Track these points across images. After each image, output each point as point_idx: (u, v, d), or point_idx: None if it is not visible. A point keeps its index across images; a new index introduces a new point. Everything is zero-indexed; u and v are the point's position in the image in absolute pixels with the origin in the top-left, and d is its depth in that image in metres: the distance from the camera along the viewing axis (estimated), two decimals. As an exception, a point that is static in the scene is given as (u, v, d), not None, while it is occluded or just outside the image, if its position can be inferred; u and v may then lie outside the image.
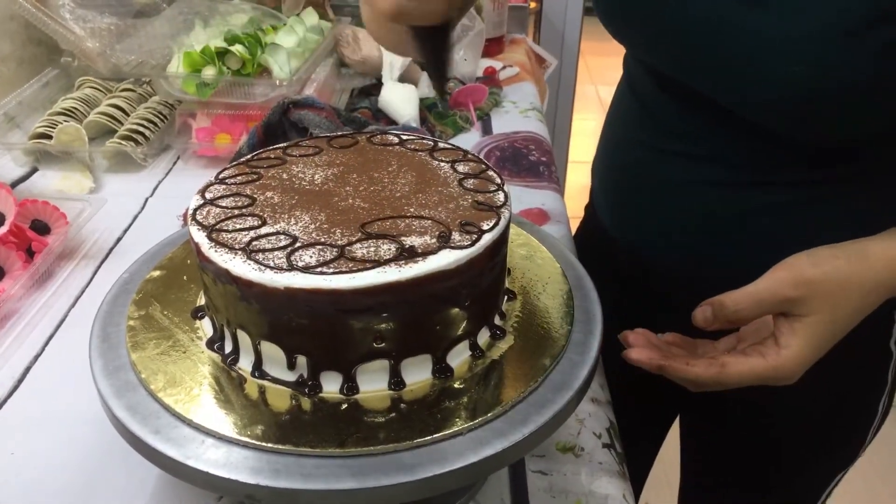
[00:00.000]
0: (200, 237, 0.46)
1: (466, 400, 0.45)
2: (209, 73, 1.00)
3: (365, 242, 0.44)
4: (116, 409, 0.44)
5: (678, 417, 0.93)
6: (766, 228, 0.64)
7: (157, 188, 0.97)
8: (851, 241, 0.52)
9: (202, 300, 0.52)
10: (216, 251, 0.44)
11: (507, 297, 0.54)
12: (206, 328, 0.50)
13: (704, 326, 0.53)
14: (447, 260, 0.43)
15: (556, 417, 0.44)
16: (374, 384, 0.45)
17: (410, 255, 0.43)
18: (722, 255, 0.67)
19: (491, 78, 1.31)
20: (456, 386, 0.46)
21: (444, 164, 0.54)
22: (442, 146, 0.57)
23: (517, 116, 1.20)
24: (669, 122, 0.67)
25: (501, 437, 0.42)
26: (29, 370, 0.67)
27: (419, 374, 0.46)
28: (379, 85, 1.16)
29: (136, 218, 0.90)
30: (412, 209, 0.48)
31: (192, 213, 0.49)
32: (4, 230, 0.76)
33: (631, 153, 0.74)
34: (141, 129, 1.01)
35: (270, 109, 0.91)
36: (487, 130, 1.15)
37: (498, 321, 0.51)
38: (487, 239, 0.45)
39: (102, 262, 0.82)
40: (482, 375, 0.47)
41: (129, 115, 1.05)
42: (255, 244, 0.44)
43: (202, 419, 0.43)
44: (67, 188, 0.96)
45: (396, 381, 0.45)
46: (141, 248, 0.60)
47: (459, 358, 0.48)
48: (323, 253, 0.43)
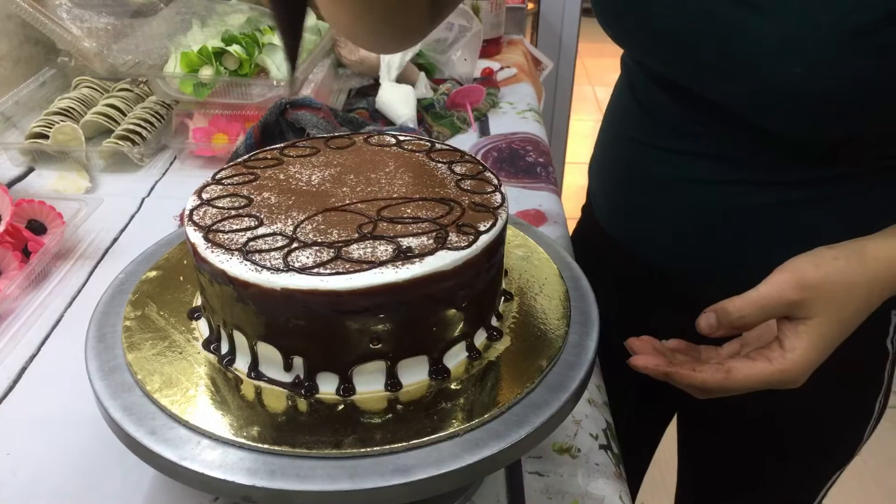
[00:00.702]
0: (197, 238, 0.46)
1: (463, 401, 0.45)
2: (206, 73, 0.99)
3: (362, 243, 0.44)
4: (112, 409, 0.44)
5: (674, 418, 0.93)
6: (765, 227, 0.64)
7: (153, 188, 0.97)
8: (851, 241, 0.52)
9: (198, 301, 0.52)
10: (213, 252, 0.44)
11: (503, 298, 0.54)
12: (202, 329, 0.50)
13: (709, 333, 0.53)
14: (444, 261, 0.43)
15: (552, 419, 0.44)
16: (370, 385, 0.45)
17: (407, 256, 0.43)
18: (720, 254, 0.67)
19: (488, 79, 1.31)
20: (452, 387, 0.46)
21: (441, 165, 0.54)
22: (439, 147, 0.57)
23: (514, 117, 1.20)
24: (668, 120, 0.67)
25: (498, 438, 0.42)
26: (25, 370, 0.67)
27: (416, 375, 0.46)
28: (376, 85, 1.16)
29: (132, 218, 0.90)
30: (409, 210, 0.48)
31: (188, 213, 0.48)
32: (0, 230, 0.76)
33: (629, 151, 0.74)
34: (138, 129, 1.01)
35: (267, 110, 0.91)
36: (485, 131, 1.15)
37: (495, 322, 0.51)
38: (484, 240, 0.45)
39: (99, 262, 0.82)
40: (479, 377, 0.47)
41: (125, 114, 1.05)
42: (251, 245, 0.44)
43: (198, 420, 0.43)
44: (64, 188, 0.96)
45: (393, 382, 0.45)
46: (137, 248, 0.60)
47: (456, 359, 0.48)
48: (320, 254, 0.43)
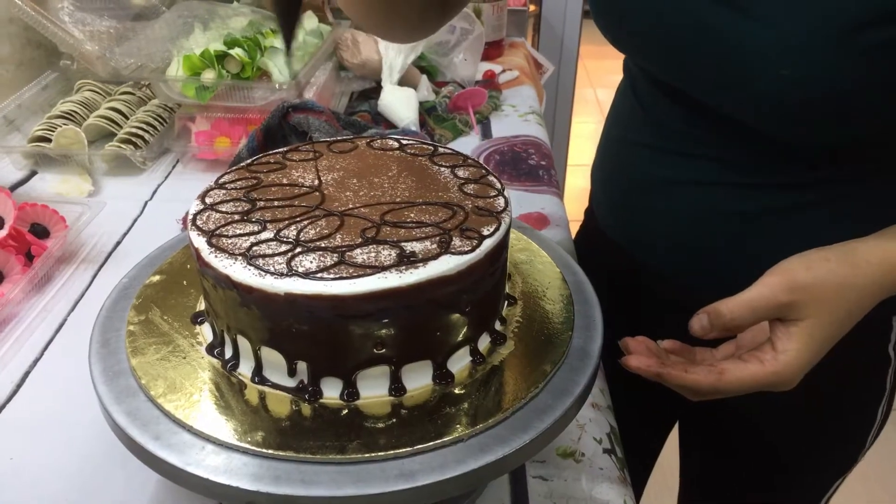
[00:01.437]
0: (200, 242, 0.46)
1: (467, 406, 0.45)
2: (208, 76, 1.00)
3: (365, 248, 0.44)
4: (116, 414, 0.44)
5: (677, 423, 0.93)
6: (767, 230, 0.64)
7: (156, 192, 0.97)
8: (844, 243, 0.52)
9: (202, 305, 0.52)
10: (216, 256, 0.44)
11: (507, 302, 0.53)
12: (206, 333, 0.50)
13: (701, 335, 0.53)
14: (448, 265, 0.43)
15: (557, 423, 0.44)
16: (374, 390, 0.45)
17: (411, 260, 0.43)
18: (722, 256, 0.67)
19: (490, 81, 1.31)
20: (456, 392, 0.46)
21: (444, 168, 0.54)
22: (442, 151, 0.57)
23: (517, 120, 1.20)
24: (669, 123, 0.67)
25: (502, 443, 0.42)
26: (28, 374, 0.67)
27: (420, 379, 0.46)
28: (378, 88, 1.16)
29: (135, 221, 0.90)
30: (412, 214, 0.48)
31: (192, 218, 0.48)
32: (3, 234, 0.76)
33: (630, 155, 0.74)
34: (140, 132, 1.01)
35: (270, 113, 0.91)
36: (487, 134, 1.15)
37: (498, 326, 0.51)
38: (488, 244, 0.45)
39: (101, 265, 0.82)
40: (483, 381, 0.47)
41: (128, 118, 1.05)
42: (255, 249, 0.44)
43: (202, 425, 0.43)
44: (66, 191, 0.96)
45: (397, 386, 0.45)
46: (140, 251, 0.60)
47: (460, 364, 0.48)
48: (323, 258, 0.43)
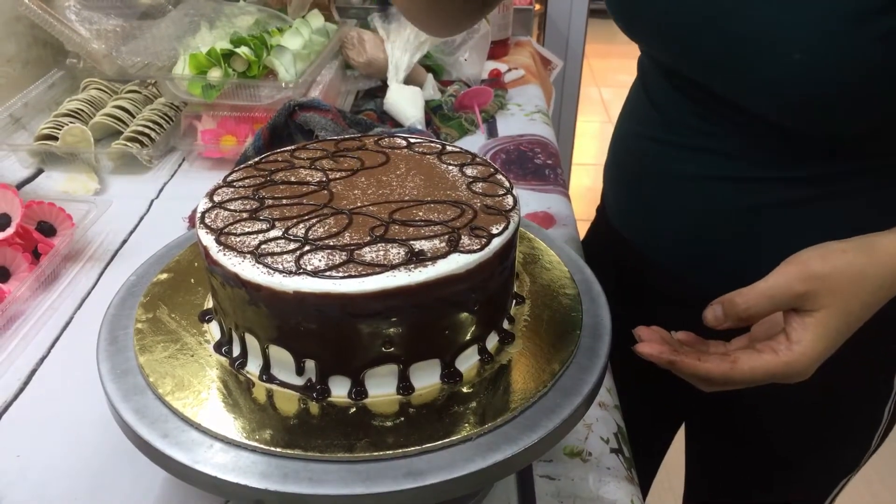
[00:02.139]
0: (209, 240, 0.46)
1: (475, 405, 0.45)
2: (215, 75, 1.00)
3: (374, 246, 0.44)
4: (124, 412, 0.44)
5: (683, 423, 0.92)
6: (780, 225, 0.64)
7: (162, 190, 0.97)
8: (861, 236, 0.52)
9: (210, 303, 0.52)
10: (225, 255, 0.44)
11: (515, 301, 0.53)
12: (213, 331, 0.50)
13: (715, 325, 0.53)
14: (457, 264, 0.43)
15: (565, 423, 0.44)
16: (382, 388, 0.45)
17: (420, 259, 0.43)
18: (734, 252, 0.67)
19: (496, 80, 1.30)
20: (464, 391, 0.46)
21: (452, 167, 0.54)
22: (450, 149, 0.57)
23: (522, 119, 1.20)
24: (681, 118, 0.67)
25: (510, 442, 0.42)
26: (35, 372, 0.67)
27: (428, 378, 0.46)
28: (384, 87, 1.16)
29: (141, 220, 0.90)
30: (421, 213, 0.48)
31: (200, 216, 0.48)
32: (10, 232, 0.76)
33: (643, 150, 0.73)
34: (146, 130, 1.01)
35: (276, 111, 0.91)
36: (493, 133, 1.15)
37: (507, 325, 0.51)
38: (497, 243, 0.45)
39: (108, 264, 0.82)
40: (491, 380, 0.47)
41: (134, 116, 1.05)
42: (263, 248, 0.44)
43: (210, 423, 0.43)
44: (73, 189, 0.96)
45: (405, 385, 0.45)
46: (146, 249, 0.60)
47: (468, 362, 0.47)
48: (332, 257, 0.43)
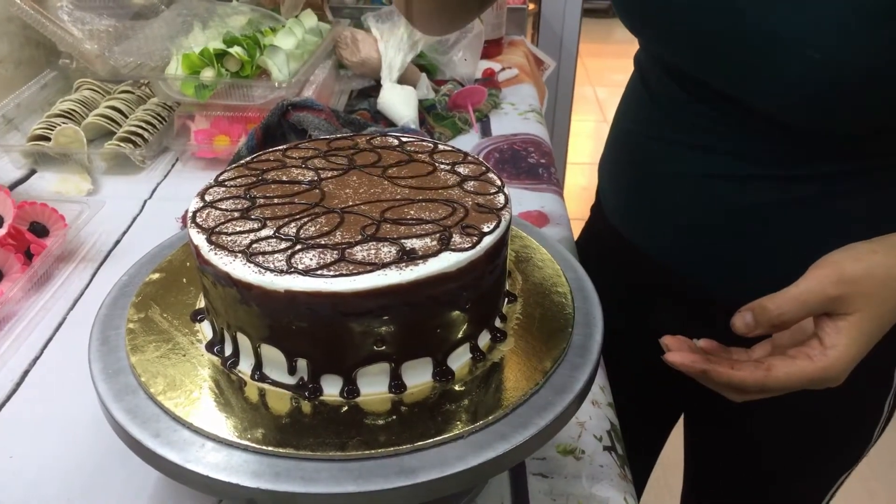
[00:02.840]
0: (200, 240, 0.46)
1: (467, 403, 0.45)
2: (208, 74, 0.99)
3: (365, 245, 0.44)
4: (116, 412, 0.44)
5: (681, 420, 0.93)
6: (781, 223, 0.64)
7: (155, 190, 0.97)
8: (887, 235, 0.51)
9: (202, 303, 0.52)
10: (216, 254, 0.44)
11: (507, 299, 0.53)
12: (205, 331, 0.50)
13: (745, 333, 0.51)
14: (448, 262, 0.43)
15: (557, 420, 0.44)
16: (374, 387, 0.45)
17: (411, 257, 0.43)
18: (735, 250, 0.67)
19: (490, 79, 1.31)
20: (456, 389, 0.46)
21: (444, 166, 0.54)
22: (442, 148, 0.57)
23: (516, 118, 1.20)
24: (682, 115, 0.67)
25: (502, 440, 0.42)
26: (28, 373, 0.67)
27: (420, 376, 0.46)
28: (378, 86, 1.16)
29: (134, 220, 0.90)
30: (412, 212, 0.48)
31: (191, 215, 0.48)
32: (3, 232, 0.76)
33: (641, 147, 0.73)
34: (139, 130, 1.01)
35: (269, 111, 0.91)
36: (486, 132, 1.15)
37: (499, 324, 0.51)
38: (488, 241, 0.45)
39: (101, 264, 0.82)
40: (483, 378, 0.47)
41: (127, 116, 1.05)
42: (255, 247, 0.44)
43: (202, 422, 0.43)
44: (66, 190, 0.96)
45: (397, 383, 0.45)
46: (139, 250, 0.60)
47: (460, 360, 0.48)
48: (323, 255, 0.43)
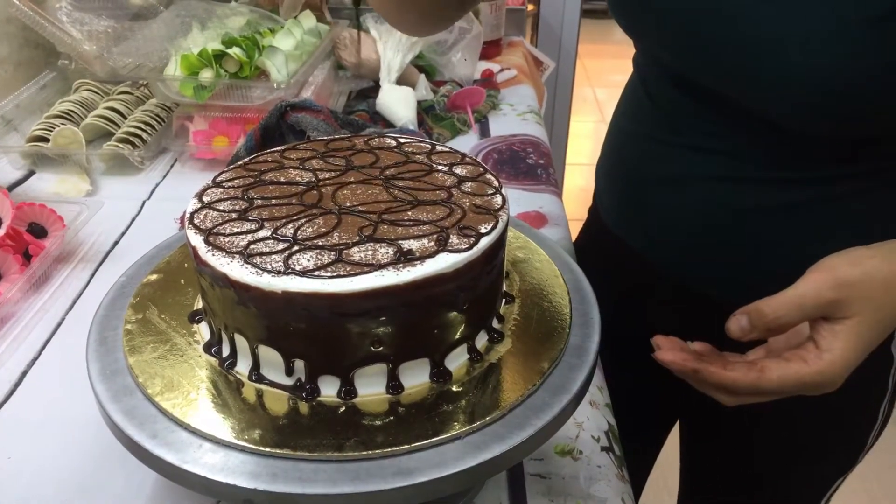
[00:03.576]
0: (198, 241, 0.46)
1: (464, 403, 0.45)
2: (206, 75, 0.99)
3: (363, 246, 0.44)
4: (113, 412, 0.44)
5: (678, 422, 0.93)
6: (778, 226, 0.63)
7: (154, 191, 0.97)
8: (885, 241, 0.51)
9: (199, 304, 0.52)
10: (213, 255, 0.44)
11: (504, 300, 0.53)
12: (203, 332, 0.50)
13: (741, 337, 0.51)
14: (445, 263, 0.43)
15: (554, 421, 0.44)
16: (371, 388, 0.45)
17: (408, 258, 0.43)
18: (732, 253, 0.67)
19: (488, 80, 1.31)
20: (454, 389, 0.46)
21: (441, 167, 0.54)
22: (440, 149, 0.57)
23: (515, 119, 1.20)
24: (680, 117, 0.67)
25: (499, 440, 0.42)
26: (26, 374, 0.67)
27: (417, 377, 0.46)
28: (376, 87, 1.16)
29: (133, 221, 0.90)
30: (410, 212, 0.48)
31: (189, 216, 0.48)
32: (1, 233, 0.76)
33: (639, 148, 0.73)
34: (138, 131, 1.01)
35: (268, 112, 0.91)
36: (485, 133, 1.15)
37: (496, 324, 0.51)
38: (485, 242, 0.45)
39: (99, 265, 0.82)
40: (480, 379, 0.47)
41: (126, 117, 1.05)
42: (252, 248, 0.44)
43: (199, 423, 0.43)
44: (64, 191, 0.96)
45: (394, 384, 0.45)
46: (138, 251, 0.60)
47: (457, 361, 0.48)
48: (321, 257, 0.43)
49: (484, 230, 0.46)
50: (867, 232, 0.52)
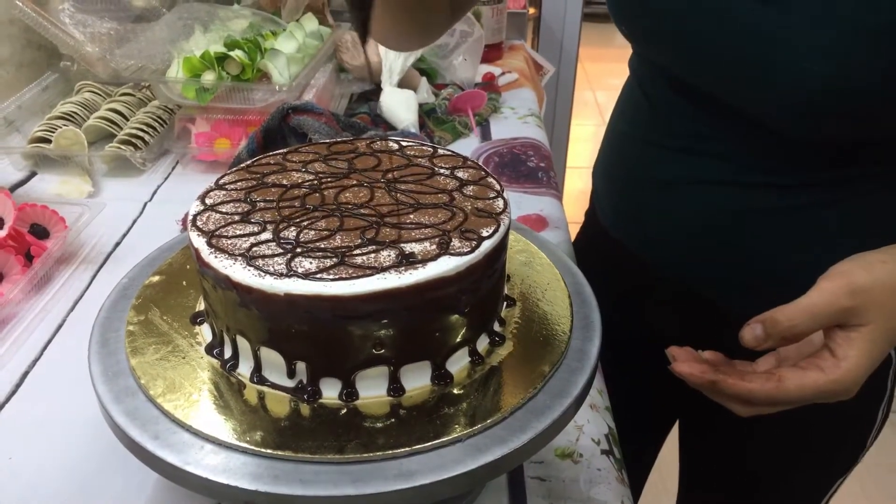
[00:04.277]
0: (200, 243, 0.46)
1: (465, 406, 0.45)
2: (209, 78, 1.00)
3: (365, 249, 0.44)
4: (115, 414, 0.44)
5: (676, 424, 0.93)
6: (776, 230, 0.64)
7: (155, 193, 0.97)
8: (893, 245, 0.50)
9: (201, 305, 0.52)
10: (216, 257, 0.44)
11: (506, 303, 0.54)
12: (205, 334, 0.50)
13: (755, 346, 0.50)
14: (447, 266, 0.43)
15: (554, 424, 0.44)
16: (373, 390, 0.45)
17: (410, 261, 0.43)
18: (729, 256, 0.67)
19: (490, 84, 1.31)
20: (455, 392, 0.46)
21: (443, 170, 0.54)
22: (441, 152, 0.57)
23: (516, 122, 1.20)
24: (678, 121, 0.67)
25: (500, 443, 0.42)
26: (27, 374, 0.67)
27: (418, 380, 0.46)
28: (378, 90, 1.17)
29: (134, 222, 0.90)
30: (412, 216, 0.48)
31: (192, 218, 0.49)
32: (3, 234, 0.76)
33: (637, 152, 0.73)
34: (140, 133, 1.01)
35: (269, 115, 0.92)
36: (486, 136, 1.15)
37: (497, 327, 0.51)
38: (487, 245, 0.45)
39: (101, 266, 0.82)
40: (481, 382, 0.47)
41: (128, 119, 1.06)
42: (254, 250, 0.44)
43: (201, 425, 0.43)
44: (66, 192, 0.96)
45: (396, 387, 0.45)
46: (139, 252, 0.60)
47: (459, 364, 0.48)
48: (323, 259, 0.43)
49: (486, 233, 0.46)
50: (867, 234, 0.52)
